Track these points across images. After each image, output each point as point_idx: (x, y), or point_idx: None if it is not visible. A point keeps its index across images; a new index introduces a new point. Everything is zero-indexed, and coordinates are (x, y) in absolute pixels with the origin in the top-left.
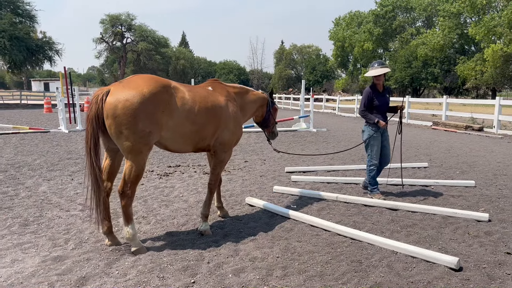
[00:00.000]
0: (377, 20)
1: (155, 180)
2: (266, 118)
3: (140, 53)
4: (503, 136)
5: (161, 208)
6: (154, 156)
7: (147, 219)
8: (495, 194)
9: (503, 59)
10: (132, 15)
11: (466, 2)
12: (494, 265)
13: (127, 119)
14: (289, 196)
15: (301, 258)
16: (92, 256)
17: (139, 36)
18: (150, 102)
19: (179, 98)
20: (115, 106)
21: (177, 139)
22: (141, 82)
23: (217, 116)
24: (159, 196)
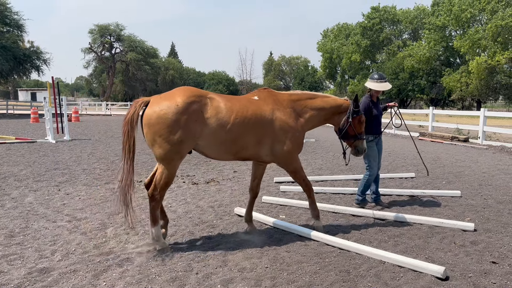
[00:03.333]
0: (364, 32)
1: (143, 191)
2: (341, 128)
3: (129, 63)
4: (488, 147)
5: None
6: (142, 167)
7: (135, 229)
8: (481, 204)
9: (488, 71)
10: (121, 25)
11: (451, 16)
12: (480, 274)
13: (161, 128)
14: (278, 206)
15: (289, 268)
16: (79, 268)
17: (128, 46)
18: (183, 113)
19: (214, 107)
20: (150, 116)
21: (213, 147)
22: (177, 93)
23: (258, 125)
24: (147, 206)
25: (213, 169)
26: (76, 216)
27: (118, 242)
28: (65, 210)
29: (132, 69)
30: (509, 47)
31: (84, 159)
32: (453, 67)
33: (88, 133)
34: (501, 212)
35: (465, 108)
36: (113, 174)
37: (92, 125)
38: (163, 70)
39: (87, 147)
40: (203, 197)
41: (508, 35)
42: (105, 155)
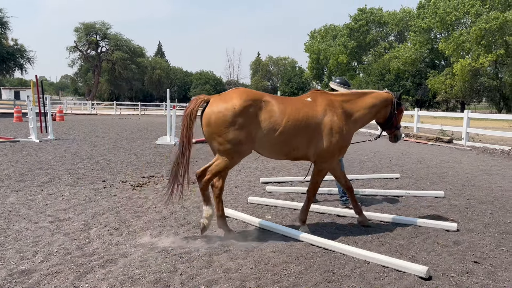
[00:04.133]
0: (351, 34)
1: (128, 191)
2: (388, 119)
3: (115, 62)
4: (471, 148)
5: (134, 219)
6: (127, 167)
7: (119, 230)
8: (464, 204)
9: (471, 74)
10: (107, 24)
11: (436, 18)
12: (462, 274)
13: (219, 128)
14: (264, 206)
15: (274, 269)
16: (61, 269)
17: (114, 45)
18: (240, 115)
19: (268, 110)
20: (209, 116)
21: (267, 148)
22: (235, 96)
23: (309, 127)
24: (132, 207)
25: None
26: (59, 216)
27: (101, 243)
28: (47, 211)
29: (118, 68)
30: (493, 50)
31: (68, 159)
32: (438, 69)
33: (72, 133)
34: (483, 213)
35: (449, 110)
36: (98, 174)
37: (77, 124)
38: (150, 69)
39: (71, 146)
40: (188, 198)
41: (491, 38)
42: (90, 155)
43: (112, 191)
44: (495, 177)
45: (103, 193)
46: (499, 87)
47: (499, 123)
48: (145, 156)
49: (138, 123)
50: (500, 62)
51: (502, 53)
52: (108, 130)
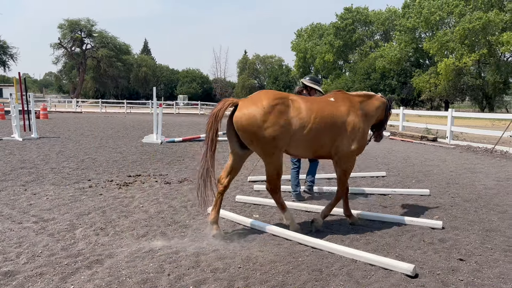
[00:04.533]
0: (337, 33)
1: (114, 190)
2: (383, 122)
3: (100, 60)
4: (455, 146)
5: (120, 219)
6: (113, 166)
7: (105, 230)
8: (448, 202)
9: (455, 73)
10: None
11: (421, 18)
12: (448, 271)
13: (252, 129)
14: (251, 205)
15: (262, 268)
16: (46, 271)
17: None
18: (270, 113)
19: (296, 107)
20: (240, 119)
21: (297, 145)
22: (262, 96)
23: (335, 125)
24: (118, 206)
25: (186, 168)
26: (43, 217)
27: (87, 243)
28: (31, 211)
29: (103, 65)
30: (476, 50)
31: (52, 157)
32: (422, 68)
33: (57, 131)
34: (467, 210)
35: (433, 108)
36: (83, 173)
37: (61, 122)
38: (136, 67)
39: (56, 145)
40: (176, 197)
41: (475, 38)
42: (75, 154)
43: (97, 190)
44: (478, 175)
45: (88, 192)
46: (482, 86)
47: (482, 122)
48: (131, 155)
49: (124, 121)
50: (483, 62)
51: (485, 52)
52: (94, 129)
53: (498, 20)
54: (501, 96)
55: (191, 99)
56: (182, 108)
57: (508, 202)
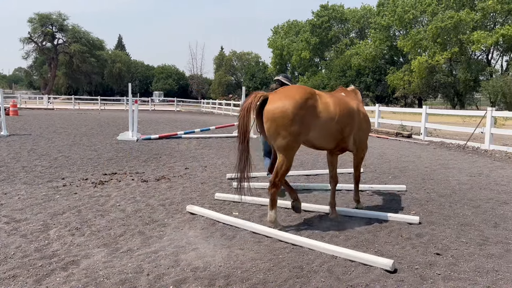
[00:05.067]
0: (313, 30)
1: (90, 189)
2: None
3: (73, 55)
4: (429, 143)
5: (97, 219)
6: (88, 164)
7: (81, 230)
8: (424, 197)
9: (428, 70)
10: (64, 15)
11: (395, 16)
12: (425, 265)
13: (284, 122)
14: (231, 203)
15: (243, 266)
16: (19, 273)
17: (71, 37)
18: (301, 108)
19: (323, 102)
20: (274, 111)
21: (324, 137)
22: (294, 91)
23: (353, 118)
24: (94, 205)
25: (163, 166)
26: (15, 217)
27: (62, 244)
28: (2, 211)
29: (76, 61)
30: (448, 48)
31: (23, 155)
32: (396, 65)
33: (28, 128)
34: (443, 205)
35: (407, 105)
36: (57, 171)
37: (32, 119)
38: (110, 63)
39: (27, 143)
40: (153, 195)
41: (446, 37)
42: (48, 152)
43: (72, 189)
44: (452, 170)
45: (62, 191)
46: (454, 83)
47: (454, 118)
48: (106, 153)
49: (98, 118)
50: (455, 60)
51: (456, 51)
52: (67, 126)
53: (469, 19)
54: (471, 94)
55: (167, 96)
56: (158, 104)
57: (481, 197)
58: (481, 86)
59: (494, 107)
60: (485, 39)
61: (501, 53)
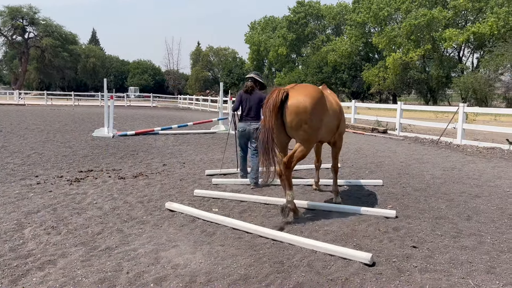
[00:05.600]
0: (290, 26)
1: (65, 187)
2: None
3: (44, 50)
4: (404, 138)
5: (73, 217)
6: (62, 161)
7: (57, 229)
8: (400, 192)
9: (402, 67)
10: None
11: (370, 13)
12: (402, 258)
13: (306, 116)
14: (210, 199)
15: (224, 262)
16: None
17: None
18: (318, 104)
19: (329, 100)
20: (297, 106)
21: (328, 131)
22: (311, 89)
23: (342, 113)
24: (70, 203)
25: (140, 163)
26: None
27: (37, 243)
28: None
29: (48, 55)
30: (421, 45)
31: None
32: (372, 62)
33: None
34: (418, 199)
35: (382, 101)
36: (30, 169)
37: (2, 115)
38: (84, 57)
39: None
40: (131, 192)
41: (420, 34)
42: (20, 149)
43: (46, 187)
44: (426, 165)
45: (36, 189)
46: (427, 80)
47: (427, 114)
48: (81, 149)
49: (72, 114)
50: (428, 57)
51: (429, 48)
52: (39, 122)
53: (441, 17)
54: (443, 90)
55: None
56: (134, 100)
57: (454, 191)
58: (453, 83)
59: (466, 103)
60: (456, 37)
61: (472, 50)
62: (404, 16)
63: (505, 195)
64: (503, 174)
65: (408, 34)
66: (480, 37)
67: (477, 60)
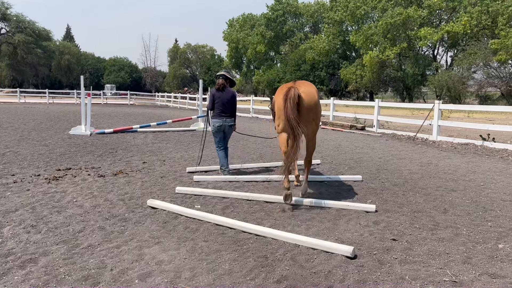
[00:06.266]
0: (269, 24)
1: (43, 185)
2: None
3: (17, 46)
4: (382, 135)
5: (53, 215)
6: (39, 159)
7: (37, 227)
8: (379, 187)
9: (379, 65)
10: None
11: (348, 12)
12: (383, 251)
13: (319, 108)
14: (192, 196)
15: (208, 258)
16: None
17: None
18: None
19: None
20: (311, 99)
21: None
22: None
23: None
24: (49, 202)
25: (120, 160)
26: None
27: (17, 242)
28: None
29: (21, 52)
30: (397, 43)
31: None
32: (349, 60)
33: None
34: (396, 194)
35: (359, 99)
36: (5, 168)
37: None
38: (58, 54)
39: None
40: (111, 190)
41: (396, 32)
42: None
43: (24, 185)
44: (404, 161)
45: (13, 188)
46: (403, 78)
47: (403, 111)
48: (58, 148)
49: (47, 112)
50: (403, 55)
51: (405, 46)
52: (13, 120)
53: (417, 16)
54: (419, 88)
55: (119, 89)
56: (110, 98)
57: (431, 185)
58: (428, 81)
59: (440, 101)
60: (431, 35)
61: (446, 49)
62: (381, 15)
63: (479, 189)
64: (477, 168)
65: (384, 32)
66: (453, 35)
67: (451, 59)
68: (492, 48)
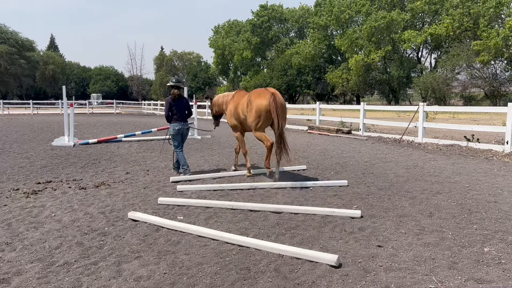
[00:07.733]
0: (254, 30)
1: (21, 200)
2: None
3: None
4: (368, 138)
5: (29, 231)
6: (19, 172)
7: (12, 245)
8: (365, 191)
9: (364, 68)
10: None
11: (332, 16)
12: (368, 258)
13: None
14: (175, 207)
15: (189, 272)
16: None
17: None
18: None
19: None
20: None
21: None
22: None
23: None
24: (26, 217)
25: (102, 172)
26: None
27: None
28: None
29: (4, 63)
30: (382, 47)
31: None
32: (335, 64)
33: None
34: (382, 198)
35: (346, 102)
36: None
37: None
38: (42, 64)
39: None
40: (92, 203)
41: (380, 36)
42: None
43: (1, 201)
44: (389, 164)
45: None
46: (388, 80)
47: (389, 114)
48: (40, 160)
49: (31, 123)
50: (388, 58)
51: (390, 49)
52: None
53: (400, 19)
54: (404, 90)
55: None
56: (96, 107)
57: (416, 188)
58: (413, 83)
59: (425, 102)
60: (415, 38)
61: (429, 51)
62: (365, 19)
63: (465, 191)
64: (462, 170)
65: (369, 36)
66: (437, 38)
67: (435, 61)
68: (475, 50)
